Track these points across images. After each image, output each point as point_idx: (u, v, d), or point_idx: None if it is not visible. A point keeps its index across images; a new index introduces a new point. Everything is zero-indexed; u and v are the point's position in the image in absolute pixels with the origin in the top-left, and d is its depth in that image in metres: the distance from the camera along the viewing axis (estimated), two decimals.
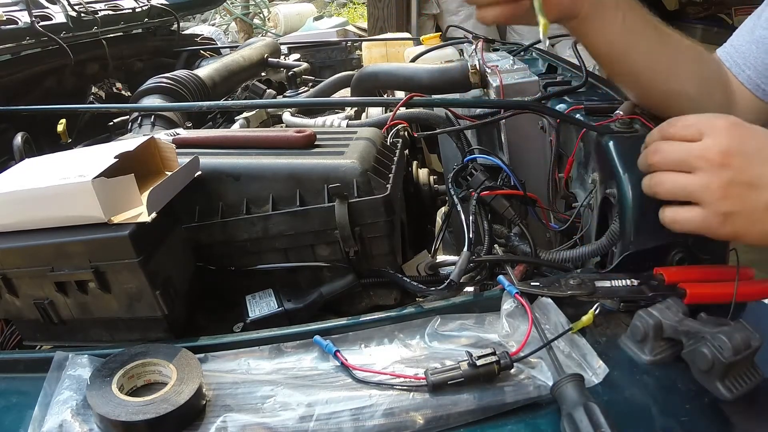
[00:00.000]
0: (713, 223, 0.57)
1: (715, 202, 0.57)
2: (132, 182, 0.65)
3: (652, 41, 0.73)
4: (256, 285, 0.75)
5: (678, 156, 0.59)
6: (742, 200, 0.57)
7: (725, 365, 0.50)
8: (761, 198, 0.56)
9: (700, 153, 0.58)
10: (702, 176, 0.58)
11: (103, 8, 1.70)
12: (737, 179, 0.56)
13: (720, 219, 0.57)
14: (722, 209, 0.57)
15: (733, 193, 0.56)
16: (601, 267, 0.71)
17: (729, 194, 0.56)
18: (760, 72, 0.78)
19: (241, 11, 6.65)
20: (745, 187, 0.56)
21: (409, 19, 3.66)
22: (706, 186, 0.57)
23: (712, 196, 0.57)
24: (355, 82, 1.22)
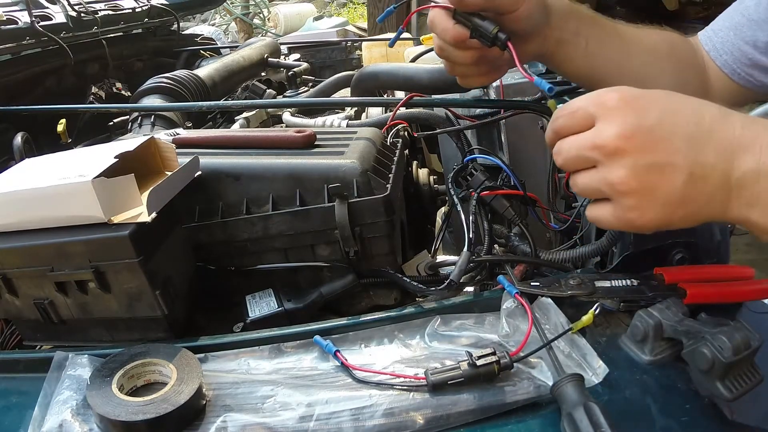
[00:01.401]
0: (627, 218, 0.50)
1: (620, 197, 0.50)
2: (132, 182, 0.65)
3: (617, 54, 0.75)
4: (256, 285, 0.75)
5: (574, 153, 0.52)
6: (652, 186, 0.48)
7: (725, 365, 0.50)
8: (674, 179, 0.48)
9: (591, 143, 0.50)
10: (600, 170, 0.50)
11: (103, 8, 1.70)
12: (641, 163, 0.48)
13: (634, 214, 0.50)
14: (629, 203, 0.49)
15: (640, 180, 0.48)
16: (601, 267, 0.71)
17: (633, 184, 0.48)
18: (736, 57, 0.79)
19: (241, 11, 6.65)
20: (652, 170, 0.48)
21: (409, 19, 3.66)
22: (605, 180, 0.50)
23: (614, 190, 0.49)
24: (355, 82, 1.22)
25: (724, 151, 0.49)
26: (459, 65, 0.70)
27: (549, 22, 0.69)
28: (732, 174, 0.48)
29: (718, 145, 0.49)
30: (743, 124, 0.49)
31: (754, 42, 0.77)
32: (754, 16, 0.76)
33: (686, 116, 0.50)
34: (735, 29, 0.79)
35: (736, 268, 0.65)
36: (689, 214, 0.50)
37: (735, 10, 0.80)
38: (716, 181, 0.49)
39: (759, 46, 0.76)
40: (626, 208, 0.50)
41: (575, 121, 0.52)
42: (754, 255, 2.71)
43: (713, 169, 0.48)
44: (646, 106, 0.50)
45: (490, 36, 0.63)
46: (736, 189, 0.49)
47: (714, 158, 0.48)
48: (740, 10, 0.79)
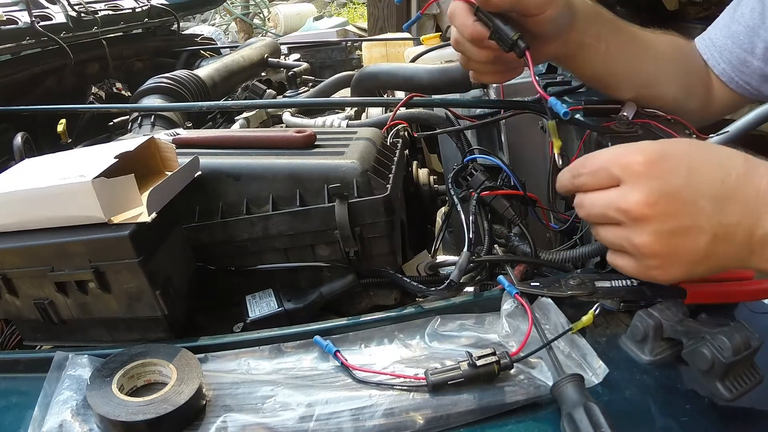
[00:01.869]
0: (649, 275, 0.52)
1: (643, 258, 0.51)
2: (132, 182, 0.65)
3: (633, 59, 0.75)
4: (256, 285, 0.75)
5: (598, 212, 0.53)
6: (675, 250, 0.50)
7: (725, 365, 0.50)
8: (698, 241, 0.49)
9: (617, 206, 0.50)
10: (625, 231, 0.51)
11: (103, 8, 1.70)
12: (665, 228, 0.49)
13: (657, 272, 0.51)
14: (652, 263, 0.51)
15: (663, 245, 0.49)
16: (601, 267, 0.71)
17: (657, 249, 0.49)
18: (735, 66, 0.79)
19: (241, 11, 6.65)
20: (676, 235, 0.49)
21: (409, 19, 3.66)
22: (629, 242, 0.51)
23: (639, 252, 0.51)
24: (355, 82, 1.22)
25: (749, 209, 0.48)
26: (474, 62, 0.69)
27: (573, 25, 0.68)
28: (756, 232, 0.48)
29: (743, 203, 0.49)
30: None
31: (751, 49, 0.77)
32: (750, 23, 0.77)
33: (712, 174, 0.50)
34: (732, 37, 0.79)
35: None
36: (711, 268, 0.52)
37: (731, 18, 0.80)
38: (740, 240, 0.49)
39: (756, 53, 0.76)
40: (649, 267, 0.51)
41: (597, 180, 0.53)
42: None
43: (737, 228, 0.49)
44: (672, 168, 0.50)
45: (509, 42, 0.61)
46: (759, 246, 0.49)
47: (737, 218, 0.49)
48: (736, 18, 0.79)
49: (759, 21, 0.75)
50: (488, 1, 0.60)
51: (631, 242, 0.51)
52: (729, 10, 0.82)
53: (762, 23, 0.75)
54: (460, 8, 0.63)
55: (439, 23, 3.75)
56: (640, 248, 0.50)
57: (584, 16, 0.69)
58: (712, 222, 0.49)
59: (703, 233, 0.49)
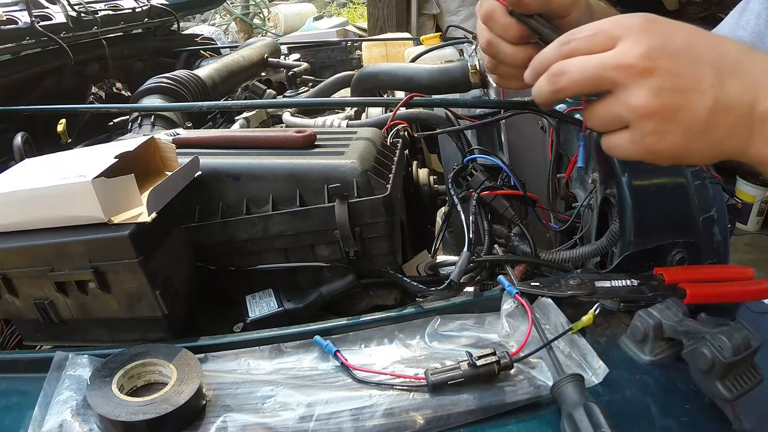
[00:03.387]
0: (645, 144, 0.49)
1: (640, 120, 0.48)
2: (132, 182, 0.65)
3: None
4: (256, 285, 0.75)
5: (590, 73, 0.49)
6: (675, 110, 0.47)
7: (725, 365, 0.50)
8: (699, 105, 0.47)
9: (615, 62, 0.48)
10: (620, 94, 0.48)
11: (103, 8, 1.70)
12: (666, 86, 0.47)
13: (653, 138, 0.48)
14: (649, 127, 0.48)
15: (663, 103, 0.47)
16: (601, 267, 0.71)
17: (656, 106, 0.47)
18: None
19: (241, 11, 6.65)
20: (677, 94, 0.47)
21: (409, 19, 3.66)
22: (626, 104, 0.48)
23: (635, 114, 0.48)
24: (355, 82, 1.22)
25: (750, 84, 0.47)
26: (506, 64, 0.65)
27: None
28: (757, 107, 0.47)
29: (744, 77, 0.48)
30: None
31: None
32: (755, 30, 0.76)
33: (711, 47, 0.48)
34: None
35: (736, 268, 0.65)
36: (709, 145, 0.49)
37: (736, 23, 0.80)
38: (740, 113, 0.47)
39: None
40: (645, 133, 0.48)
41: (593, 43, 0.50)
42: (754, 255, 2.72)
43: (738, 100, 0.47)
44: (671, 31, 0.49)
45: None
46: (760, 123, 0.47)
47: (739, 89, 0.47)
48: (741, 24, 0.79)
49: (764, 27, 0.75)
50: (520, 1, 0.59)
51: (628, 104, 0.48)
52: (734, 15, 0.81)
53: (767, 30, 0.75)
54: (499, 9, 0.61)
55: (439, 23, 3.75)
56: (638, 108, 0.47)
57: (599, 16, 0.68)
58: (713, 88, 0.47)
59: (705, 96, 0.47)
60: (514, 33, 0.61)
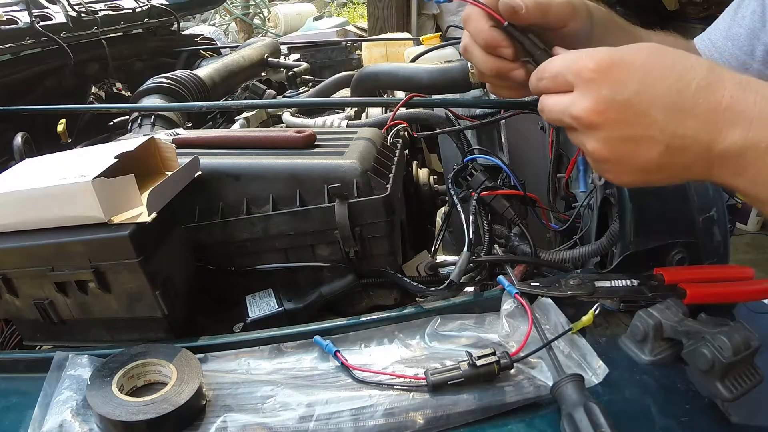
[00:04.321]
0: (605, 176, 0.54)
1: (596, 162, 0.52)
2: (132, 182, 0.65)
3: None
4: (256, 285, 0.75)
5: (555, 117, 0.53)
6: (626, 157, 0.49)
7: (725, 365, 0.50)
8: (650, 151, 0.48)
9: (569, 112, 0.50)
10: (580, 136, 0.51)
11: (103, 8, 1.70)
12: (614, 136, 0.49)
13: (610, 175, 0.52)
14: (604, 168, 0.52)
15: (613, 152, 0.49)
16: (601, 267, 0.71)
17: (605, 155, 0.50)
18: (734, 67, 0.79)
19: (241, 11, 6.65)
20: (626, 143, 0.49)
21: (409, 19, 3.66)
22: (583, 146, 0.52)
23: (591, 156, 0.52)
24: (355, 82, 1.22)
25: (708, 123, 0.47)
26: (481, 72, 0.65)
27: (591, 34, 0.66)
28: (714, 146, 0.47)
29: (702, 116, 0.47)
30: (733, 93, 0.47)
31: (751, 51, 0.77)
32: (750, 26, 0.76)
33: (668, 85, 0.48)
34: (732, 39, 0.79)
35: (736, 268, 0.65)
36: (666, 178, 0.51)
37: (732, 20, 0.80)
38: (695, 152, 0.48)
39: (756, 56, 0.76)
40: (602, 170, 0.53)
41: (556, 84, 0.52)
42: (754, 255, 2.71)
43: (693, 141, 0.47)
44: (624, 76, 0.48)
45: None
46: (719, 160, 0.48)
47: (695, 130, 0.47)
48: (737, 20, 0.79)
49: (759, 24, 0.75)
50: (516, 14, 0.58)
51: (584, 147, 0.51)
52: (729, 11, 0.81)
53: (762, 26, 0.75)
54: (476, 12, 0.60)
55: (439, 23, 3.75)
56: (591, 153, 0.51)
57: (600, 23, 0.68)
58: (665, 133, 0.47)
59: (656, 143, 0.48)
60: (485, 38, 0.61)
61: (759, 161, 0.46)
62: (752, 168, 0.47)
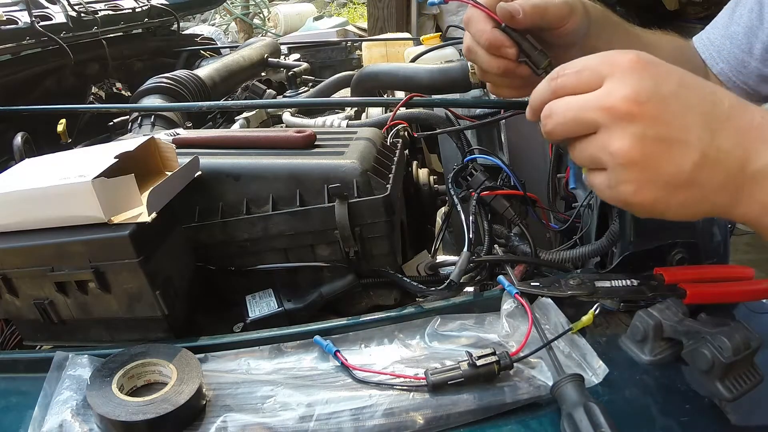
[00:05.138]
0: (619, 192, 0.45)
1: (618, 167, 0.44)
2: (132, 182, 0.65)
3: None
4: (256, 285, 0.75)
5: (572, 115, 0.46)
6: (657, 161, 0.43)
7: (725, 365, 0.50)
8: (685, 157, 0.43)
9: (598, 103, 0.44)
10: (601, 136, 0.44)
11: (103, 8, 1.70)
12: (650, 133, 0.43)
13: (629, 188, 0.44)
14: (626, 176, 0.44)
15: (644, 152, 0.43)
16: (601, 267, 0.71)
17: (635, 155, 0.43)
18: (733, 66, 0.79)
19: (241, 11, 6.65)
20: (660, 144, 0.43)
21: (409, 19, 3.66)
22: (604, 148, 0.44)
23: (613, 160, 0.44)
24: (355, 82, 1.22)
25: (743, 139, 0.44)
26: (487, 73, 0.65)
27: (588, 31, 0.66)
28: (748, 165, 0.44)
29: (737, 130, 0.44)
30: (763, 115, 0.45)
31: (749, 49, 0.77)
32: (748, 24, 0.77)
33: (704, 94, 0.45)
34: (731, 38, 0.79)
35: (736, 268, 0.65)
36: (691, 201, 0.45)
37: (730, 18, 0.80)
38: (728, 170, 0.44)
39: (754, 54, 0.76)
40: (621, 181, 0.45)
41: (580, 80, 0.46)
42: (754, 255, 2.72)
43: (728, 156, 0.43)
44: (664, 73, 0.45)
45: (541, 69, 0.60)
46: (750, 182, 0.44)
47: (730, 144, 0.43)
48: (735, 19, 0.79)
49: (757, 22, 0.75)
50: (513, 18, 0.58)
51: (608, 148, 0.44)
52: (727, 10, 0.82)
53: (760, 24, 0.75)
54: (477, 14, 0.60)
55: (439, 23, 3.75)
56: (616, 153, 0.43)
57: (597, 21, 0.68)
58: (702, 141, 0.43)
59: (691, 149, 0.43)
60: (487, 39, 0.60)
61: None
62: None
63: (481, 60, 0.63)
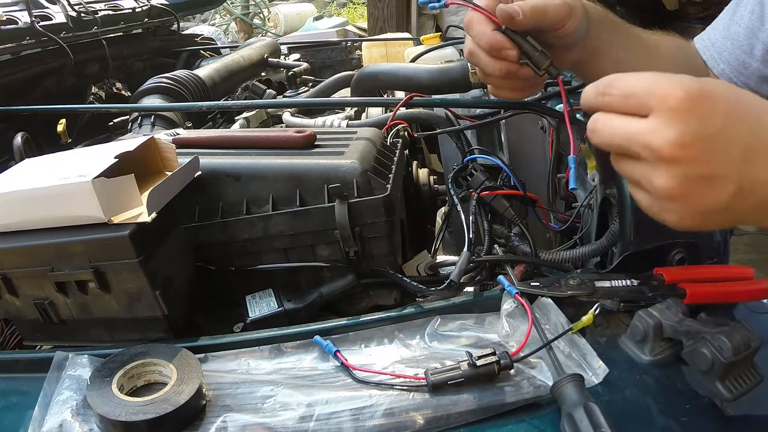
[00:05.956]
0: (662, 218, 0.49)
1: (660, 200, 0.48)
2: (132, 182, 0.65)
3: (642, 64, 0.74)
4: (256, 285, 0.75)
5: (618, 141, 0.48)
6: (697, 197, 0.46)
7: (725, 365, 0.50)
8: (722, 192, 0.45)
9: (644, 140, 0.46)
10: (646, 168, 0.47)
11: (103, 8, 1.70)
12: (692, 174, 0.45)
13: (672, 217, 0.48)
14: (668, 206, 0.47)
15: (686, 190, 0.45)
16: (601, 267, 0.71)
17: (677, 193, 0.46)
18: (734, 67, 0.79)
19: (241, 11, 6.65)
20: (702, 182, 0.45)
21: (409, 19, 3.66)
22: (648, 181, 0.47)
23: (657, 193, 0.47)
24: (355, 82, 1.22)
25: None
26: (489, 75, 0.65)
27: (588, 32, 0.67)
28: None
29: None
30: None
31: (750, 50, 0.77)
32: (749, 25, 0.77)
33: (749, 124, 0.46)
34: (731, 38, 0.79)
35: (736, 268, 0.65)
36: (726, 222, 0.49)
37: (730, 19, 0.80)
38: (762, 196, 0.46)
39: (755, 55, 0.76)
40: (664, 210, 0.48)
41: (627, 106, 0.48)
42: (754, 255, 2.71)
43: (763, 186, 0.46)
44: (712, 109, 0.45)
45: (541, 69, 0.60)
46: None
47: (766, 173, 0.46)
48: (736, 20, 0.79)
49: (758, 23, 0.75)
50: (513, 19, 0.58)
51: (651, 182, 0.47)
52: (728, 10, 0.82)
53: (761, 25, 0.75)
54: (478, 17, 0.61)
55: (439, 23, 3.75)
56: (659, 190, 0.46)
57: (597, 21, 0.68)
58: (740, 173, 0.45)
59: (729, 183, 0.45)
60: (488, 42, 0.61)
61: None
62: None
63: (482, 63, 0.64)
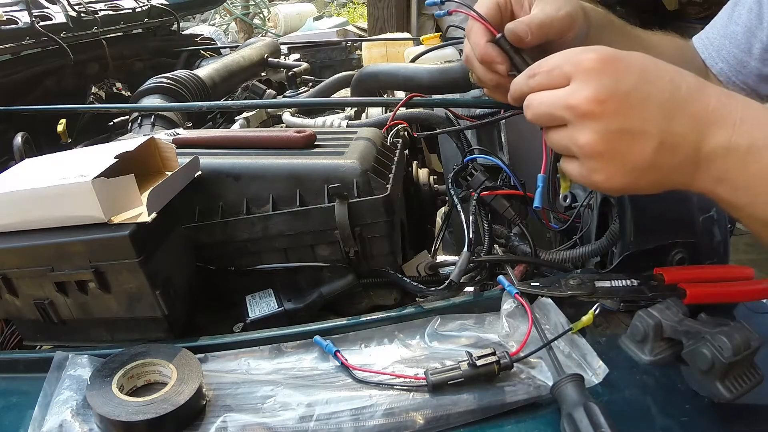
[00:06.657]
0: (592, 179, 0.51)
1: (586, 159, 0.50)
2: (132, 182, 0.65)
3: None
4: (256, 285, 0.75)
5: (545, 110, 0.52)
6: (620, 152, 0.48)
7: (725, 365, 0.50)
8: (644, 147, 0.48)
9: (564, 103, 0.49)
10: (571, 130, 0.50)
11: (103, 8, 1.71)
12: (612, 128, 0.48)
13: (599, 176, 0.50)
14: (595, 165, 0.50)
15: (608, 145, 0.48)
16: (601, 267, 0.71)
17: (601, 148, 0.48)
18: (732, 65, 0.79)
19: (241, 11, 6.65)
20: (623, 136, 0.48)
21: (409, 19, 3.66)
22: (574, 141, 0.50)
23: (582, 152, 0.50)
24: (355, 82, 1.22)
25: (697, 123, 0.48)
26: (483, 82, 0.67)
27: (588, 35, 0.67)
28: (702, 147, 0.48)
29: (692, 116, 0.48)
30: (718, 98, 0.49)
31: (749, 49, 0.77)
32: (747, 24, 0.77)
33: (663, 83, 0.49)
34: (730, 38, 0.79)
35: (736, 268, 0.65)
36: (655, 182, 0.51)
37: (729, 18, 0.80)
38: (686, 152, 0.49)
39: (754, 54, 0.77)
40: (591, 170, 0.50)
41: (551, 79, 0.52)
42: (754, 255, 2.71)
43: (684, 140, 0.48)
44: (624, 68, 0.49)
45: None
46: (705, 162, 0.49)
47: (686, 129, 0.48)
48: (734, 19, 0.79)
49: (756, 22, 0.76)
50: (521, 40, 0.60)
51: (576, 142, 0.50)
52: (726, 9, 0.82)
53: (759, 24, 0.75)
54: (477, 26, 0.63)
55: (439, 23, 3.74)
56: (584, 147, 0.49)
57: (597, 24, 0.68)
58: (659, 129, 0.48)
59: (651, 138, 0.48)
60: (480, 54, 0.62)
61: (739, 164, 0.48)
62: (733, 172, 0.48)
63: (477, 71, 0.66)
